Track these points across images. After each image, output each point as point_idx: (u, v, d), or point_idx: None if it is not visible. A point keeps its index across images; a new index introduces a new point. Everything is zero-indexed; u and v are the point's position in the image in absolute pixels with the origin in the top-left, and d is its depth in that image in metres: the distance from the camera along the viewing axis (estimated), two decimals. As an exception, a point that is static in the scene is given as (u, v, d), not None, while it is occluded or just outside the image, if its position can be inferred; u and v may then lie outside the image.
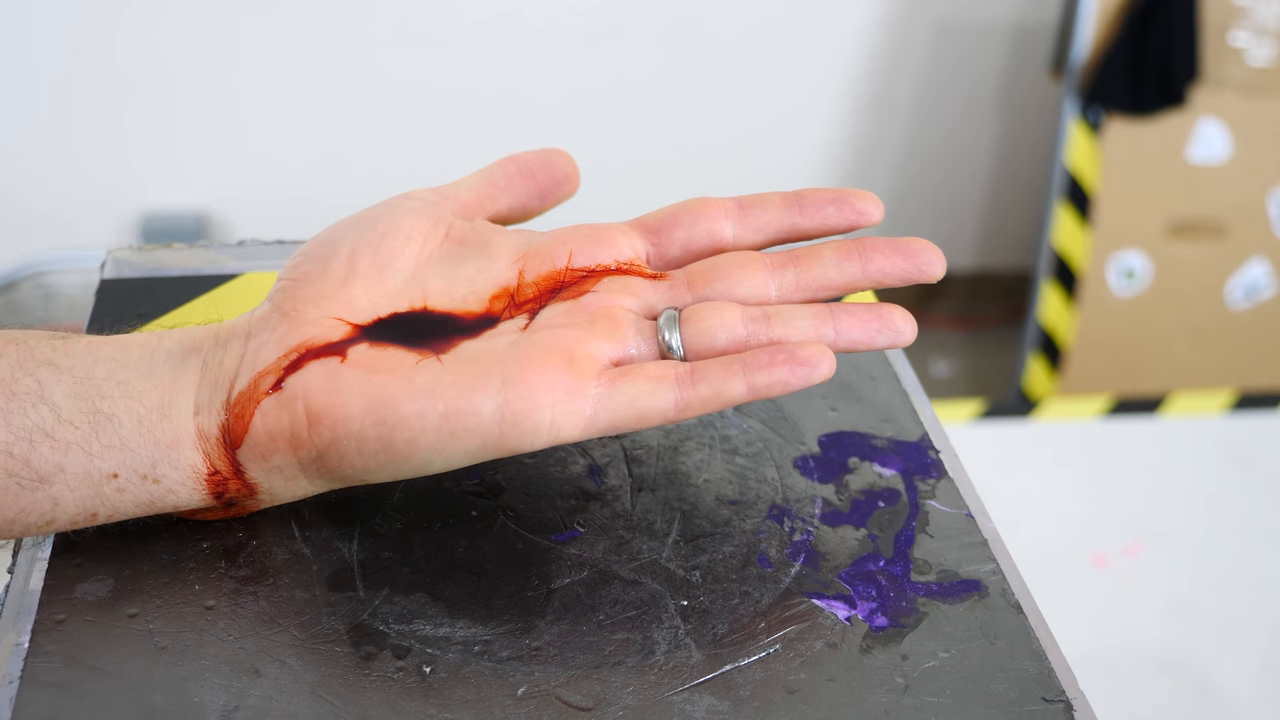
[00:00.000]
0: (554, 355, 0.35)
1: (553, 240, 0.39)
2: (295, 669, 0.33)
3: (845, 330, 0.37)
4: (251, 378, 0.36)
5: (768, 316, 0.37)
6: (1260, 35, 1.52)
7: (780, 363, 0.35)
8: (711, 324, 0.36)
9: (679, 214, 0.39)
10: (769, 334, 0.36)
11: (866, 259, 0.38)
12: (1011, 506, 0.93)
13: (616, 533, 0.38)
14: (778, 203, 0.39)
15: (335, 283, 0.37)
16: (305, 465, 0.36)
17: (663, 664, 0.34)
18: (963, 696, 0.34)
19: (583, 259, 0.38)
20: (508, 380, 0.34)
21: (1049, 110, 1.73)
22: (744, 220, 0.39)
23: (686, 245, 0.39)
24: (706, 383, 0.35)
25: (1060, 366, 1.67)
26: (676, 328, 0.37)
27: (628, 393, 0.35)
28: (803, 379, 0.35)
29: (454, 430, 0.34)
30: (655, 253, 0.39)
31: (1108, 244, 1.61)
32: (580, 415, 0.35)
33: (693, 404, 0.35)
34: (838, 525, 0.39)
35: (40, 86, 1.61)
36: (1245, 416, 1.17)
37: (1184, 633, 0.99)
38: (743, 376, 0.35)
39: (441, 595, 0.36)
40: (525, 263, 0.38)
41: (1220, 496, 1.10)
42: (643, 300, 0.38)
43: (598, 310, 0.37)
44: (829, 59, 1.75)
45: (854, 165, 1.85)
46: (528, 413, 0.34)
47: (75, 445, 0.34)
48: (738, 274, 0.38)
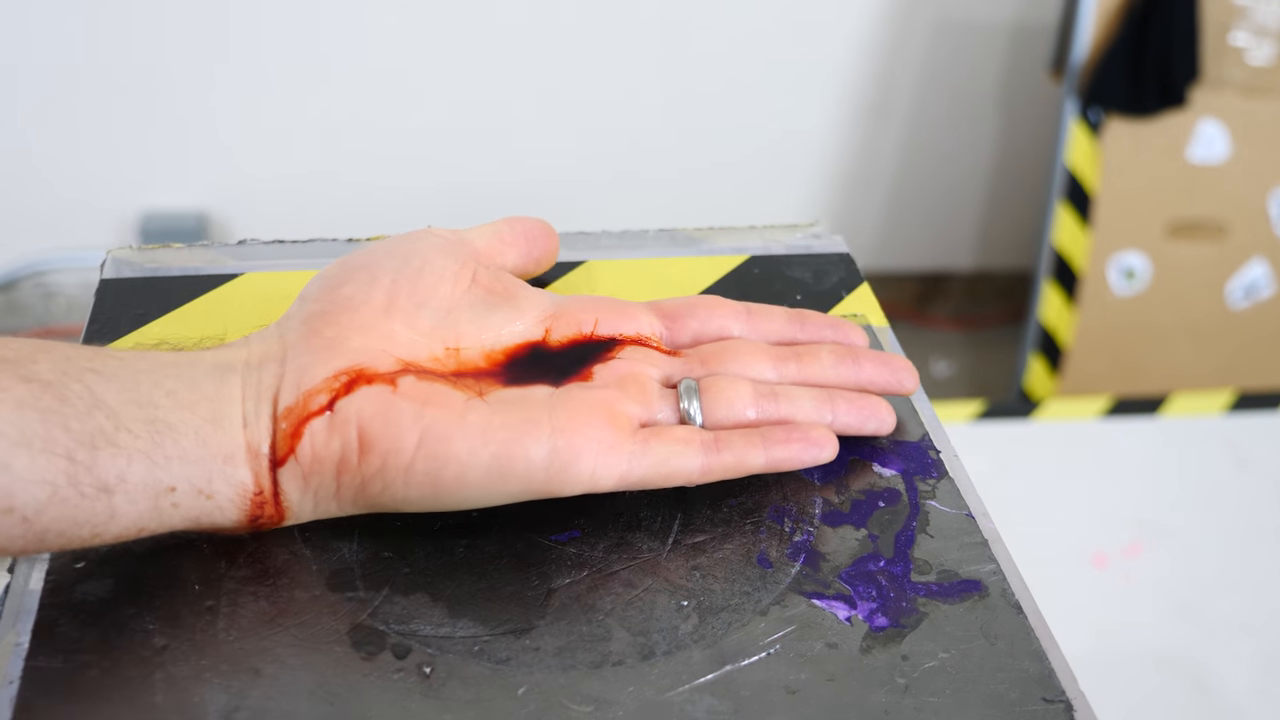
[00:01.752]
0: (598, 411, 0.37)
1: (579, 306, 0.41)
2: (295, 669, 0.33)
3: (841, 415, 0.41)
4: (299, 395, 0.36)
5: (776, 395, 0.40)
6: (1260, 35, 1.52)
7: (795, 440, 0.39)
8: (729, 395, 0.40)
9: (695, 306, 0.43)
10: (778, 411, 0.40)
11: (858, 366, 0.42)
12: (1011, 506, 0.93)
13: (617, 532, 0.38)
14: (781, 315, 0.44)
15: (377, 313, 0.38)
16: (344, 490, 0.36)
17: (663, 664, 0.34)
18: (963, 696, 0.34)
19: (607, 328, 0.41)
20: (557, 429, 0.36)
21: (1049, 110, 1.73)
22: (751, 323, 0.43)
23: (698, 334, 0.42)
24: (730, 451, 0.38)
25: (1060, 366, 1.67)
26: (696, 397, 0.40)
27: (660, 452, 0.38)
28: (813, 457, 0.39)
29: (503, 471, 0.36)
30: (668, 337, 0.42)
31: (1108, 244, 1.61)
32: (617, 468, 0.37)
33: (715, 469, 0.38)
34: (838, 525, 0.39)
35: (41, 86, 1.61)
36: (1245, 416, 1.17)
37: (1184, 632, 0.99)
38: (763, 449, 0.39)
39: (441, 595, 0.36)
40: (552, 323, 0.41)
41: (1220, 496, 1.10)
42: (662, 370, 0.41)
43: (625, 375, 0.40)
44: (829, 59, 1.75)
45: (854, 165, 1.85)
46: (573, 461, 0.36)
47: (140, 454, 0.33)
48: (748, 358, 0.41)
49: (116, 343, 0.44)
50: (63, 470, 0.32)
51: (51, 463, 0.32)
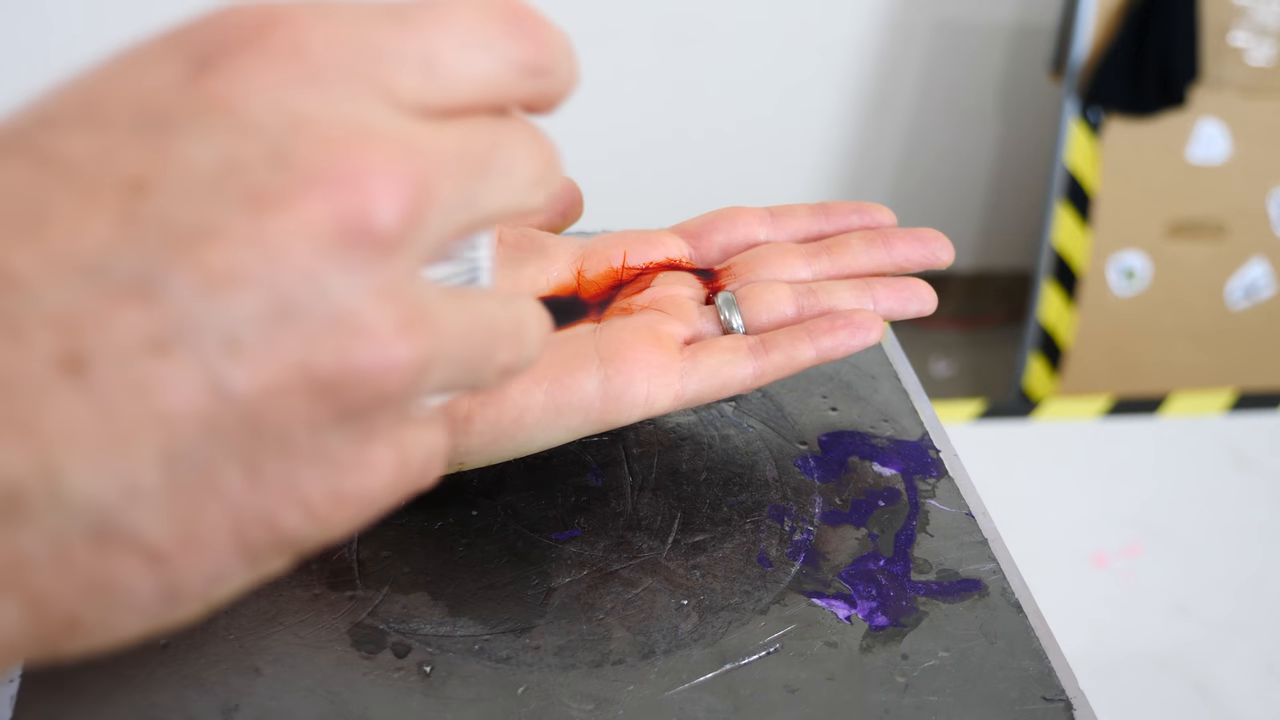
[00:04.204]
0: (641, 334, 0.38)
1: (606, 243, 0.42)
2: (295, 668, 0.33)
3: (881, 300, 0.40)
4: None
5: (814, 291, 0.40)
6: (1260, 35, 1.52)
7: (840, 327, 0.39)
8: (767, 300, 0.40)
9: (717, 220, 0.43)
10: (818, 305, 0.40)
11: (890, 246, 0.42)
12: (1011, 506, 0.93)
13: (617, 532, 0.38)
14: (805, 212, 0.43)
15: None
16: None
17: (663, 663, 0.34)
18: (963, 695, 0.34)
19: (636, 258, 0.42)
20: (605, 358, 0.37)
21: (1049, 111, 1.73)
22: (776, 225, 0.43)
23: (725, 248, 0.42)
24: (779, 350, 0.38)
25: (1060, 366, 1.67)
26: (736, 307, 0.40)
27: (709, 364, 0.38)
28: (862, 340, 0.39)
29: (559, 407, 0.36)
30: (696, 255, 0.42)
31: (1108, 244, 1.61)
32: (671, 387, 0.37)
33: (768, 370, 0.38)
34: (838, 524, 0.39)
35: (42, 86, 1.61)
36: (1245, 416, 1.17)
37: (1184, 633, 0.99)
38: (810, 341, 0.39)
39: (442, 594, 0.36)
40: (583, 263, 0.41)
41: (1220, 496, 1.10)
42: (696, 290, 0.41)
43: (662, 298, 0.40)
44: (829, 59, 1.75)
45: (854, 165, 1.85)
46: (626, 387, 0.37)
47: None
48: (778, 261, 0.41)
49: None
50: None
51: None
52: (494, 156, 0.22)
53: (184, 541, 0.20)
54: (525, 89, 0.23)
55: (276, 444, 0.20)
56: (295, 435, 0.20)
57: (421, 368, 0.21)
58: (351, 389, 0.20)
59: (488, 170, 0.22)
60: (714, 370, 0.38)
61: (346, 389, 0.20)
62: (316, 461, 0.21)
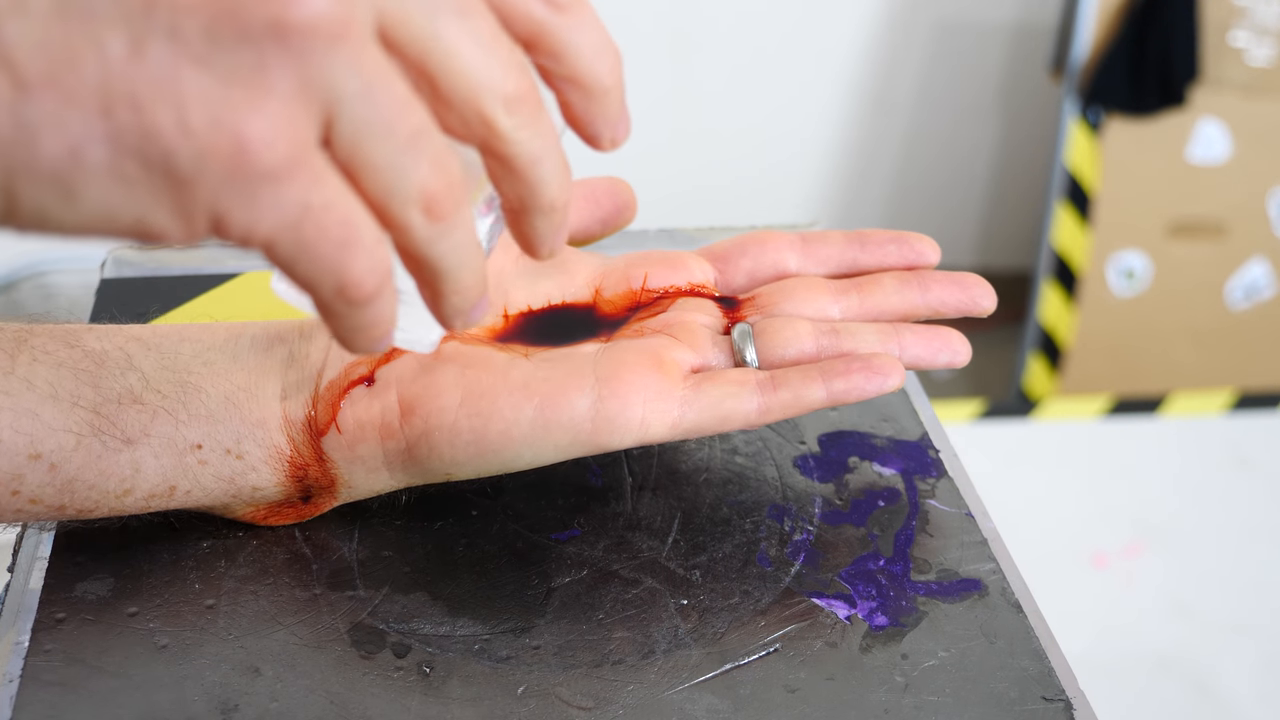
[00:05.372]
0: (644, 357, 0.37)
1: (628, 263, 0.41)
2: (295, 668, 0.33)
3: (909, 347, 0.38)
4: (343, 367, 0.36)
5: (836, 332, 0.38)
6: (1260, 35, 1.52)
7: (856, 370, 0.37)
8: (785, 336, 0.38)
9: (746, 244, 0.41)
10: (839, 347, 0.38)
11: (925, 288, 0.40)
12: (1011, 506, 0.93)
13: (616, 532, 0.38)
14: (839, 239, 0.41)
15: None
16: (391, 457, 0.36)
17: (663, 663, 0.34)
18: (963, 695, 0.34)
19: (657, 281, 0.40)
20: (601, 379, 0.36)
21: (1049, 110, 1.73)
22: (807, 252, 0.41)
23: (752, 274, 0.41)
24: (788, 388, 0.37)
25: (1060, 366, 1.67)
26: (751, 341, 0.38)
27: (713, 394, 0.36)
28: (878, 386, 0.37)
29: (548, 424, 0.35)
30: (721, 280, 0.41)
31: (1108, 244, 1.61)
32: (669, 415, 0.36)
33: (774, 408, 0.37)
34: (838, 524, 0.39)
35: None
36: (1245, 416, 1.17)
37: (1184, 633, 0.99)
38: (822, 382, 0.37)
39: (441, 594, 0.36)
40: (602, 282, 0.40)
41: (1220, 496, 1.10)
42: (715, 318, 0.40)
43: (675, 324, 0.39)
44: (829, 59, 1.75)
45: (854, 165, 1.85)
46: (620, 410, 0.36)
47: (163, 411, 0.35)
48: (804, 295, 0.39)
49: None
50: (87, 421, 0.34)
51: (76, 413, 0.34)
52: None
53: (51, 78, 0.20)
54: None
55: (167, 28, 0.21)
56: (187, 30, 0.21)
57: (330, 35, 0.21)
58: (254, 6, 0.21)
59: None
60: (717, 402, 0.36)
61: (249, 4, 0.21)
62: (204, 69, 0.21)
